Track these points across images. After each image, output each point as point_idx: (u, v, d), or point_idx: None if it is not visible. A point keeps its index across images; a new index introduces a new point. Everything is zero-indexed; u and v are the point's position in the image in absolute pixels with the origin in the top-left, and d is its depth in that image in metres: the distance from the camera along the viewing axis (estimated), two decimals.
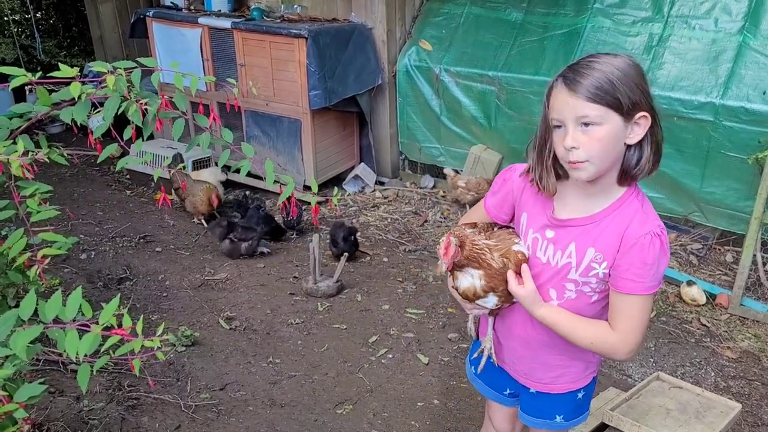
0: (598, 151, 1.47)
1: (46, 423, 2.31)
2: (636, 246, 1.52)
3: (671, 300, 4.01)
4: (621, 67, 1.46)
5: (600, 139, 1.46)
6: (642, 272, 1.53)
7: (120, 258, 4.10)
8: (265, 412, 2.80)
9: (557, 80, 1.50)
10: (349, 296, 3.93)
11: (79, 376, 1.24)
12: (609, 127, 1.46)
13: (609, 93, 1.44)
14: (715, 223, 4.49)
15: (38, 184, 1.51)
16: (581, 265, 1.61)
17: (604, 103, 1.44)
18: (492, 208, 1.81)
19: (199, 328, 3.42)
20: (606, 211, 1.58)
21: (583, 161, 1.48)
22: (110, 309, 1.23)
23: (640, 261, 1.52)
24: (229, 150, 1.72)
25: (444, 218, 5.13)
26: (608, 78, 1.44)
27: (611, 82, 1.44)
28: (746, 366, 3.42)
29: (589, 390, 1.91)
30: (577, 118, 1.46)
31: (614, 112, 1.45)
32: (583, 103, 1.44)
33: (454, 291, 1.72)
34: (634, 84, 1.46)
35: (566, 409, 1.90)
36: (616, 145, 1.49)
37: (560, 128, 1.51)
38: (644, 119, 1.48)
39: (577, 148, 1.46)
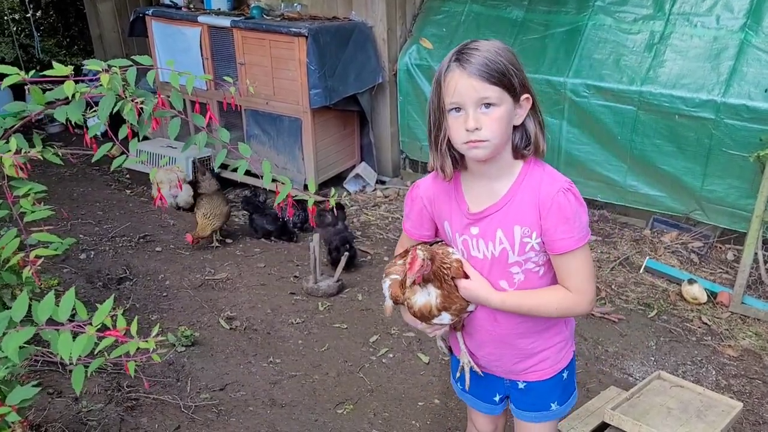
0: (498, 130, 1.55)
1: (44, 424, 2.30)
2: (553, 206, 1.59)
3: (672, 298, 4.00)
4: (503, 52, 1.55)
5: (498, 118, 1.54)
6: (568, 227, 1.59)
7: (119, 258, 4.09)
8: (265, 412, 2.79)
9: (451, 65, 1.54)
10: (350, 296, 3.92)
11: (74, 378, 1.23)
12: (505, 107, 1.54)
13: (504, 75, 1.52)
14: (716, 222, 4.47)
15: (32, 183, 1.50)
16: (515, 245, 1.66)
17: (501, 85, 1.52)
18: (412, 229, 1.84)
19: (199, 328, 3.41)
20: (514, 187, 1.64)
21: (485, 140, 1.54)
22: (104, 310, 1.22)
23: (562, 218, 1.59)
24: (226, 150, 1.70)
25: None
26: (499, 60, 1.52)
27: (503, 65, 1.52)
28: (747, 364, 3.41)
29: (571, 368, 1.94)
30: (479, 100, 1.52)
31: (508, 94, 1.54)
32: (484, 84, 1.51)
33: (407, 313, 1.74)
34: (517, 67, 1.56)
35: (557, 393, 1.93)
36: (509, 125, 1.58)
37: (458, 111, 1.55)
38: (526, 101, 1.59)
39: (480, 128, 1.53)
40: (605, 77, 4.57)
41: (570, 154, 4.85)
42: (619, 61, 4.58)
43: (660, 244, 4.56)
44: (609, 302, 3.94)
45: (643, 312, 3.86)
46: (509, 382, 1.93)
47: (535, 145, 1.63)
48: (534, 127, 1.62)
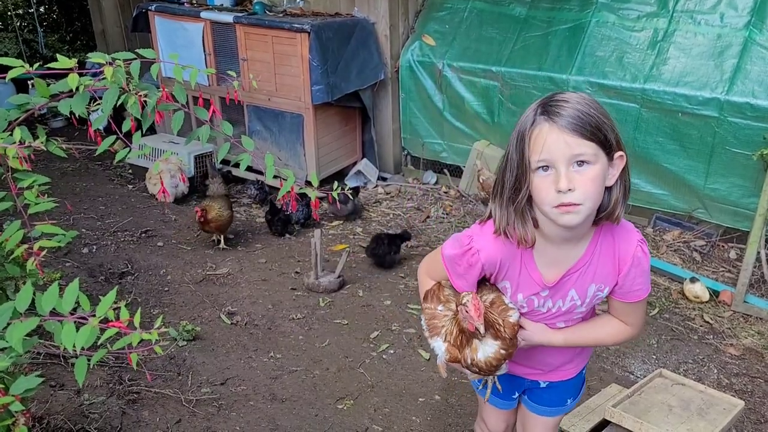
0: (593, 192, 1.39)
1: (46, 416, 2.31)
2: (633, 262, 1.54)
3: (674, 297, 3.99)
4: (595, 104, 1.40)
5: (594, 178, 1.38)
6: (643, 279, 1.59)
7: (122, 252, 4.10)
8: (266, 406, 2.79)
9: (537, 119, 1.39)
10: (351, 292, 3.92)
11: (77, 369, 1.23)
12: (600, 166, 1.39)
13: (600, 129, 1.37)
14: (719, 220, 4.47)
15: (36, 175, 1.50)
16: (586, 300, 1.63)
17: (596, 141, 1.37)
18: (464, 287, 1.63)
19: (201, 323, 3.41)
20: (590, 248, 1.55)
21: (579, 203, 1.38)
22: (107, 301, 1.22)
23: (641, 273, 1.57)
24: (229, 143, 1.70)
25: (446, 214, 5.12)
26: (592, 113, 1.37)
27: (597, 118, 1.38)
28: (749, 363, 3.41)
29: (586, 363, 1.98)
30: (572, 157, 1.37)
31: (603, 151, 1.39)
32: (578, 140, 1.36)
33: (466, 367, 1.61)
34: (610, 121, 1.41)
35: (575, 390, 1.97)
36: (603, 186, 1.42)
37: (547, 170, 1.40)
38: (620, 160, 1.44)
39: (573, 190, 1.37)
40: (608, 75, 4.56)
41: None
42: (623, 59, 4.58)
43: (662, 243, 4.56)
44: None
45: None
46: (530, 381, 1.94)
47: (610, 211, 1.47)
48: (618, 192, 1.46)
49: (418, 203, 5.28)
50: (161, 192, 2.12)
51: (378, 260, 4.24)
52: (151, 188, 5.06)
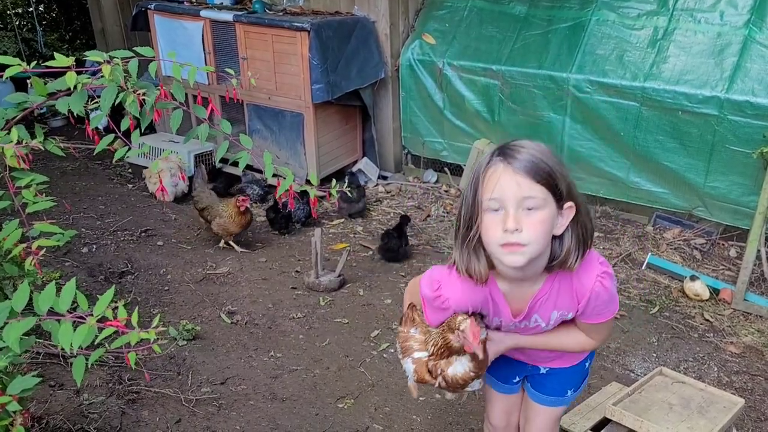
0: (539, 234, 1.43)
1: (45, 416, 2.30)
2: (591, 296, 1.59)
3: (674, 295, 3.99)
4: (550, 154, 1.46)
5: (542, 221, 1.43)
6: (605, 307, 1.64)
7: (121, 252, 4.09)
8: (266, 406, 2.79)
9: (494, 159, 1.44)
10: (351, 291, 3.92)
11: (75, 368, 1.23)
12: (549, 211, 1.44)
13: (551, 176, 1.43)
14: (719, 218, 4.46)
15: (34, 174, 1.49)
16: (550, 323, 1.71)
17: (547, 186, 1.42)
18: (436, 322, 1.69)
19: (201, 322, 3.41)
20: (546, 285, 1.61)
21: (524, 244, 1.43)
22: (105, 300, 1.22)
23: (601, 303, 1.62)
24: (228, 142, 1.70)
25: (447, 213, 5.11)
26: (544, 161, 1.43)
27: (549, 166, 1.43)
28: (749, 361, 3.40)
29: (592, 357, 1.99)
30: (521, 199, 1.41)
31: (552, 197, 1.44)
32: (530, 183, 1.41)
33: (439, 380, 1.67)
34: (563, 172, 1.47)
35: (575, 381, 1.98)
36: (550, 232, 1.47)
37: (497, 210, 1.44)
38: (570, 210, 1.48)
39: (520, 230, 1.41)
40: (608, 73, 4.55)
41: (573, 150, 4.84)
42: (623, 57, 4.57)
43: (662, 241, 4.55)
44: None
45: (645, 308, 3.85)
46: (531, 366, 1.97)
47: (562, 260, 1.52)
48: (569, 242, 1.50)
49: (418, 202, 5.28)
50: (159, 190, 2.12)
51: (392, 255, 4.32)
52: (151, 187, 5.06)
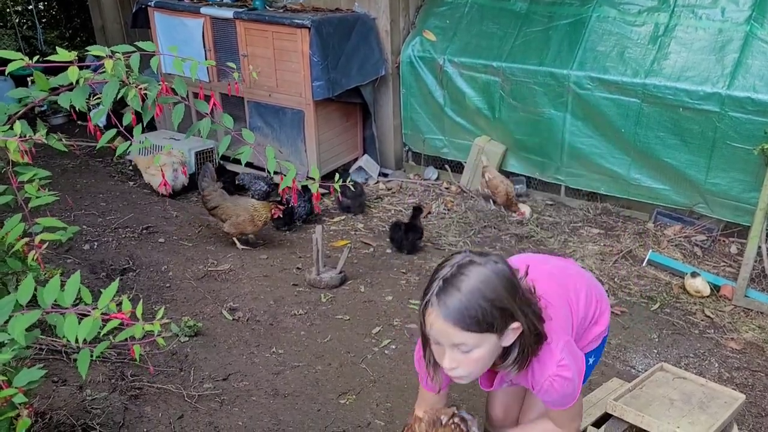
0: (476, 369, 1.56)
1: (48, 411, 2.31)
2: (542, 391, 1.68)
3: (675, 291, 3.99)
4: (490, 283, 1.48)
5: (478, 359, 1.53)
6: (558, 401, 1.72)
7: (123, 249, 4.10)
8: (268, 401, 2.79)
9: (431, 299, 1.49)
10: (353, 287, 3.92)
11: (79, 361, 1.23)
12: (486, 347, 1.52)
13: (481, 322, 1.47)
14: (719, 215, 4.47)
15: (36, 169, 1.49)
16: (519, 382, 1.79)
17: (478, 331, 1.48)
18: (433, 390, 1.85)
19: (202, 319, 3.41)
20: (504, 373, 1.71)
21: (463, 376, 1.57)
22: (109, 294, 1.22)
23: (551, 401, 1.72)
24: (230, 136, 1.70)
25: (448, 210, 5.11)
26: (478, 305, 1.46)
27: (483, 310, 1.46)
28: (750, 357, 3.41)
29: (598, 354, 2.03)
30: (454, 344, 1.50)
31: (489, 334, 1.50)
32: (460, 332, 1.47)
33: None
34: (505, 298, 1.50)
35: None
36: (492, 357, 1.57)
37: (439, 344, 1.54)
38: (514, 331, 1.54)
39: (457, 368, 1.54)
40: (609, 70, 4.55)
41: (573, 146, 4.84)
42: (624, 54, 4.57)
43: (663, 237, 4.56)
44: (612, 295, 3.93)
45: (645, 305, 3.85)
46: None
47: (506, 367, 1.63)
48: (515, 354, 1.60)
49: (419, 199, 5.28)
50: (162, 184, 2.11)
51: (409, 246, 4.41)
52: (148, 178, 5.07)
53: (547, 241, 4.61)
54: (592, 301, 1.96)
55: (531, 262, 1.94)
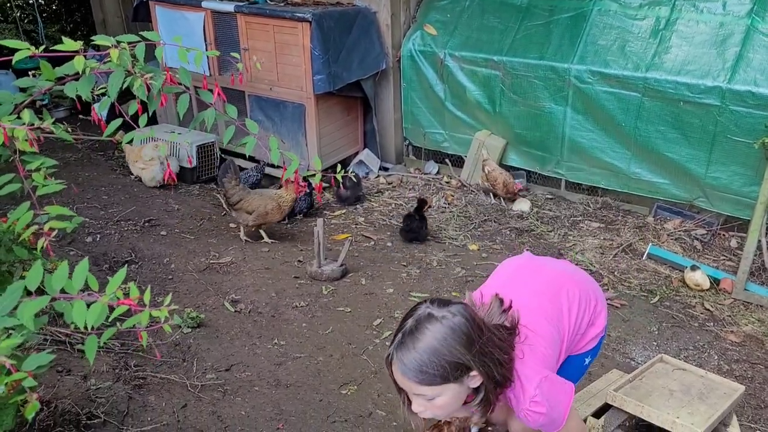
0: (444, 412, 1.67)
1: (54, 400, 2.33)
2: (522, 420, 1.76)
3: (675, 285, 4.01)
4: (445, 340, 1.56)
5: (442, 405, 1.63)
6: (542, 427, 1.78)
7: (125, 241, 4.11)
8: (270, 392, 2.81)
9: (392, 354, 1.61)
10: (354, 280, 3.94)
11: (87, 347, 1.25)
12: (449, 394, 1.61)
13: (438, 374, 1.56)
14: (719, 209, 4.48)
15: (43, 158, 1.51)
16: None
17: (435, 384, 1.58)
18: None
19: (205, 311, 3.43)
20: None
21: (434, 416, 1.70)
22: (116, 280, 1.24)
23: (535, 427, 1.78)
24: (234, 126, 1.71)
25: (448, 204, 5.13)
26: (433, 361, 1.55)
27: (436, 365, 1.55)
28: (749, 350, 3.43)
29: (594, 354, 2.03)
30: (415, 395, 1.62)
31: (447, 384, 1.59)
32: (417, 386, 1.58)
33: None
34: (459, 353, 1.57)
35: (571, 373, 1.99)
36: (459, 400, 1.66)
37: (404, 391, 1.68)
38: (475, 378, 1.62)
39: (424, 411, 1.65)
40: (610, 63, 4.56)
41: (574, 140, 4.86)
42: (624, 48, 4.58)
43: (663, 231, 4.57)
44: (612, 288, 3.95)
45: (645, 298, 3.87)
46: None
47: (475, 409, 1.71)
48: (480, 399, 1.67)
49: (419, 193, 5.29)
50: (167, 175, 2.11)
51: (414, 235, 4.50)
52: (137, 171, 5.16)
53: (547, 235, 4.62)
54: (587, 309, 1.97)
55: (523, 274, 1.97)
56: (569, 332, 1.90)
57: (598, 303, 2.04)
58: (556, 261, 2.17)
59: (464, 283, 3.93)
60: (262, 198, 4.28)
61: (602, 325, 2.02)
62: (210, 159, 5.36)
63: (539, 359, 1.74)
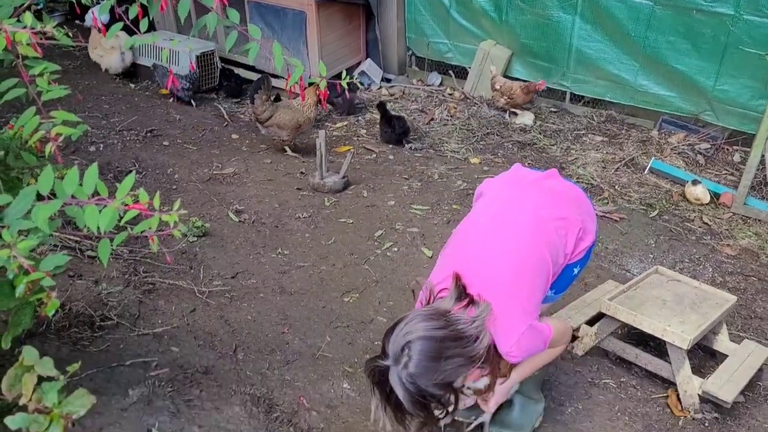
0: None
1: (67, 303, 2.41)
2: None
3: (675, 199, 4.04)
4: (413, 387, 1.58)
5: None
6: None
7: (128, 151, 4.12)
8: (275, 298, 2.90)
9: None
10: (356, 192, 3.97)
11: (100, 250, 1.29)
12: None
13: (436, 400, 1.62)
14: (725, 123, 4.45)
15: (46, 62, 1.49)
16: None
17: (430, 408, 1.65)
18: None
19: (209, 220, 3.48)
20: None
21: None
22: (126, 186, 1.26)
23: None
24: (236, 32, 1.68)
25: (451, 116, 5.09)
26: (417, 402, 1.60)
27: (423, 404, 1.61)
28: (744, 262, 3.50)
29: (583, 264, 2.03)
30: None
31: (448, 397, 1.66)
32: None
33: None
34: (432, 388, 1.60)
35: (560, 283, 2.03)
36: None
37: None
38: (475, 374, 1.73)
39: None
40: None
41: (581, 51, 4.75)
42: None
43: (667, 146, 4.56)
44: (611, 202, 3.99)
45: (644, 212, 3.92)
46: None
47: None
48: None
49: (422, 105, 5.24)
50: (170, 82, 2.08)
51: (387, 138, 4.65)
52: (95, 58, 5.24)
53: (550, 148, 4.62)
54: (575, 227, 1.92)
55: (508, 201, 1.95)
56: (556, 260, 1.89)
57: (587, 220, 1.99)
58: (544, 177, 2.07)
59: (465, 196, 3.96)
60: (293, 111, 4.25)
61: (591, 239, 1.99)
62: (210, 69, 5.26)
63: (517, 314, 1.76)
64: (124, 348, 2.33)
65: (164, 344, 2.41)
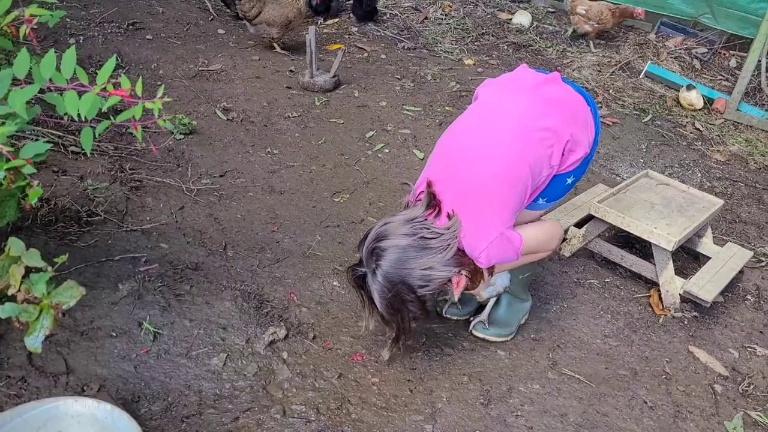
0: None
1: (52, 198, 2.38)
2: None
3: (669, 104, 4.00)
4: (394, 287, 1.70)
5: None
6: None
7: (110, 45, 3.96)
8: (264, 197, 2.89)
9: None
10: (346, 92, 3.88)
11: (82, 138, 1.24)
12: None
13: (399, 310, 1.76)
14: (724, 26, 4.35)
15: None
16: None
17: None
18: None
19: (196, 118, 3.40)
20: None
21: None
22: (107, 70, 1.20)
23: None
24: None
25: (445, 15, 4.91)
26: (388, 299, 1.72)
27: (395, 304, 1.73)
28: (733, 168, 3.51)
29: (577, 174, 1.98)
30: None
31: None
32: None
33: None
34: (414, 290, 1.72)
35: (551, 192, 1.98)
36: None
37: None
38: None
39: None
40: None
41: None
42: None
43: (664, 49, 4.46)
44: (605, 106, 3.94)
45: (637, 116, 3.88)
46: None
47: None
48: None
49: (416, 3, 5.04)
50: None
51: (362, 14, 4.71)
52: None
53: (545, 51, 4.50)
54: (561, 138, 1.84)
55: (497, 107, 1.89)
56: (539, 173, 1.85)
57: (576, 133, 1.89)
58: (534, 91, 1.93)
59: (458, 98, 3.89)
60: (281, 6, 4.06)
61: (583, 151, 1.91)
62: None
63: (490, 222, 1.78)
64: (112, 244, 2.32)
65: (153, 240, 2.41)
